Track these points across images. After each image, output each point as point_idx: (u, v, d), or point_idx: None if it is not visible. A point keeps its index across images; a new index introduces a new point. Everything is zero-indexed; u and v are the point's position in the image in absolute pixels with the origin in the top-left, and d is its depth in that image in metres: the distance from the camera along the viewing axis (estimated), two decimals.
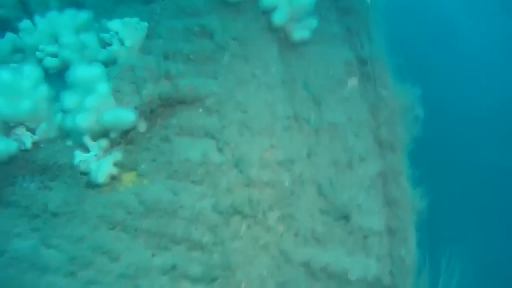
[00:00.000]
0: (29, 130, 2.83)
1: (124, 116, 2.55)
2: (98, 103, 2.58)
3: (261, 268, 2.41)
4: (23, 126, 2.81)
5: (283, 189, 2.48)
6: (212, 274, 2.39)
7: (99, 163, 2.62)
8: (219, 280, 2.38)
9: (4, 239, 2.55)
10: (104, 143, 2.67)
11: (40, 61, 3.08)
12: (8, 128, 2.76)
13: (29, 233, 2.58)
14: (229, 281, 2.38)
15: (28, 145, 2.80)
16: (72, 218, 2.57)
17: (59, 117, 2.81)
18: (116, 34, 2.90)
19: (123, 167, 2.65)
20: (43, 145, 2.84)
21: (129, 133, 2.68)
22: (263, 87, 2.74)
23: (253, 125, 2.60)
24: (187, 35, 2.99)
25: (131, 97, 2.64)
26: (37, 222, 2.59)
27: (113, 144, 2.71)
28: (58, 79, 2.98)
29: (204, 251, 2.42)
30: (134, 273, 2.41)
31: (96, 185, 2.61)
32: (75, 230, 2.54)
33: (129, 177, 2.66)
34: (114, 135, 2.66)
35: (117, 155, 2.64)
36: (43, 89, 2.85)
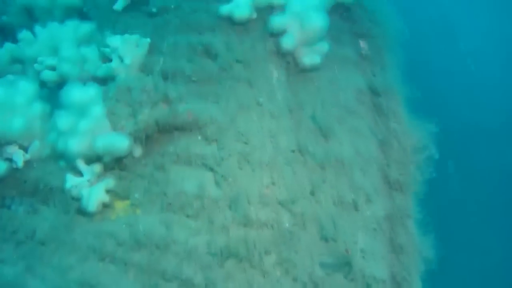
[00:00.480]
0: (21, 148, 2.73)
1: (117, 142, 2.42)
2: (91, 127, 2.46)
3: None
4: (15, 144, 2.70)
5: (282, 231, 2.32)
6: None
7: (91, 189, 2.49)
8: None
9: None
10: (97, 168, 2.55)
11: (38, 73, 2.97)
12: None
13: (15, 259, 2.47)
14: None
15: (19, 164, 2.69)
16: (60, 246, 2.45)
17: (53, 136, 2.69)
18: (116, 50, 2.77)
19: (116, 194, 2.52)
20: (36, 165, 2.73)
21: (124, 158, 2.55)
22: (267, 116, 2.58)
23: (253, 158, 2.44)
24: (189, 53, 2.84)
25: (126, 121, 2.50)
26: (23, 248, 2.48)
27: (107, 168, 2.59)
28: (56, 92, 2.86)
29: None
30: None
31: (87, 213, 2.49)
32: (63, 259, 2.42)
33: (122, 205, 2.53)
34: (107, 159, 2.53)
35: (109, 182, 2.51)
36: (38, 106, 2.73)
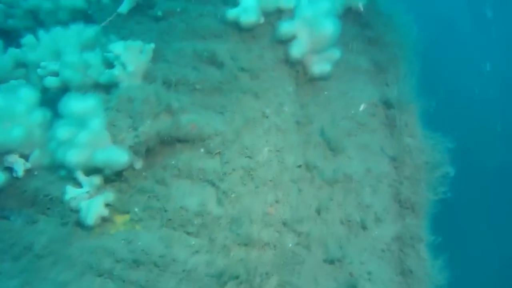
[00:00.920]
0: (22, 156, 2.67)
1: (116, 157, 2.34)
2: (90, 140, 2.37)
3: None
4: (16, 153, 2.64)
5: (285, 252, 2.21)
6: None
7: (90, 202, 2.42)
8: None
9: None
10: (97, 180, 2.48)
11: (41, 79, 2.91)
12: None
13: (12, 272, 2.41)
14: None
15: (20, 173, 2.63)
16: (58, 261, 2.38)
17: (53, 145, 2.62)
18: (118, 57, 2.69)
19: (115, 208, 2.44)
20: (36, 173, 2.67)
21: (124, 171, 2.46)
22: (273, 130, 2.46)
23: (258, 175, 2.33)
24: (195, 61, 2.74)
25: (127, 133, 2.41)
26: (21, 261, 2.42)
27: (107, 181, 2.51)
28: (59, 98, 2.79)
29: None
30: None
31: (85, 226, 2.42)
32: (60, 274, 2.35)
33: (121, 220, 2.45)
34: (107, 172, 2.45)
35: (109, 196, 2.44)
36: (38, 114, 2.67)
